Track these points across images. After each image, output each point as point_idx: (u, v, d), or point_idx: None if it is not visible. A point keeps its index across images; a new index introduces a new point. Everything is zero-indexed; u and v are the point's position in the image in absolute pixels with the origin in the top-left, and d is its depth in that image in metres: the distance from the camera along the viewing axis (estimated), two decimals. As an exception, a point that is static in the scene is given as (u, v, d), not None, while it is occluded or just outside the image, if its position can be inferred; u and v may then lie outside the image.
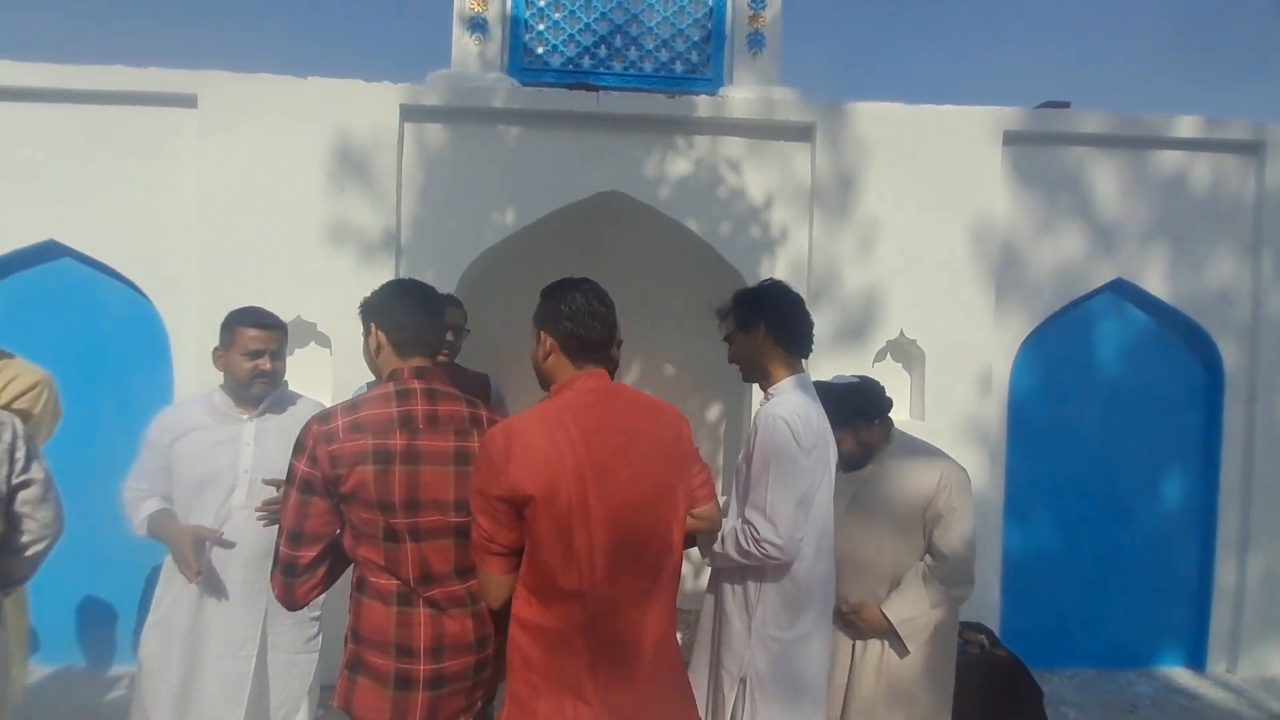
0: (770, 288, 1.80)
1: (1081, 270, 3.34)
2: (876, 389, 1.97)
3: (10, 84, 2.98)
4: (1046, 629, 3.38)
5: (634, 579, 1.35)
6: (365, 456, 1.34)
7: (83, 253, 3.07)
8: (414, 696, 1.37)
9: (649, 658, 1.37)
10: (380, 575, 1.39)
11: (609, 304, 1.43)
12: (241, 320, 1.95)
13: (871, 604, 1.90)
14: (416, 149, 3.16)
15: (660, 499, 1.39)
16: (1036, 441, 3.38)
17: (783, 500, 1.57)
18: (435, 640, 1.39)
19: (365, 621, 1.39)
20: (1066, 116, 3.32)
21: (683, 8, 3.51)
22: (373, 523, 1.36)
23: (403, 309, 1.47)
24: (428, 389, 1.44)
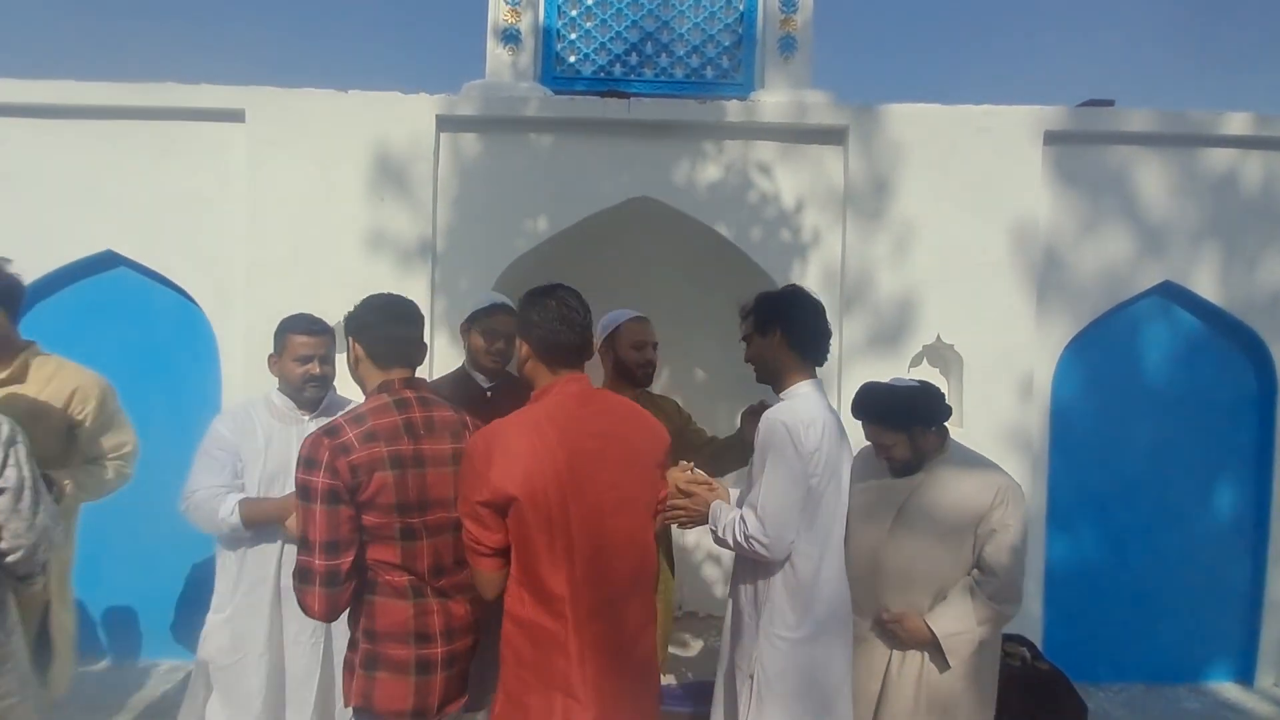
0: (791, 294, 1.84)
1: (1127, 273, 3.24)
2: (936, 395, 1.94)
3: (71, 102, 3.14)
4: (1091, 642, 3.28)
5: (615, 578, 1.42)
6: (383, 463, 1.43)
7: (138, 262, 3.21)
8: (434, 679, 1.48)
9: (632, 654, 1.45)
10: (393, 574, 1.47)
11: (583, 309, 1.48)
12: (291, 327, 2.03)
13: (914, 614, 1.86)
14: (452, 158, 3.23)
15: (635, 501, 1.46)
16: (1080, 450, 3.28)
17: (774, 501, 1.63)
18: (447, 624, 1.51)
19: (381, 619, 1.47)
20: (1110, 115, 3.23)
21: (714, 13, 3.52)
22: (389, 525, 1.44)
23: (378, 323, 1.53)
24: (421, 397, 1.54)
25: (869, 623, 1.92)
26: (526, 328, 1.47)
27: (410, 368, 1.56)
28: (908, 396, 1.89)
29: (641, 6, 3.52)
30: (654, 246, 3.80)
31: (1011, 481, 1.90)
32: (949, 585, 1.87)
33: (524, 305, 1.50)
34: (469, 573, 1.49)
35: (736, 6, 3.52)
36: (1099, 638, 3.30)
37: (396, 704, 1.45)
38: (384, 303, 1.57)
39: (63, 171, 3.17)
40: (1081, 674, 2.84)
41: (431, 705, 1.48)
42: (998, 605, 1.83)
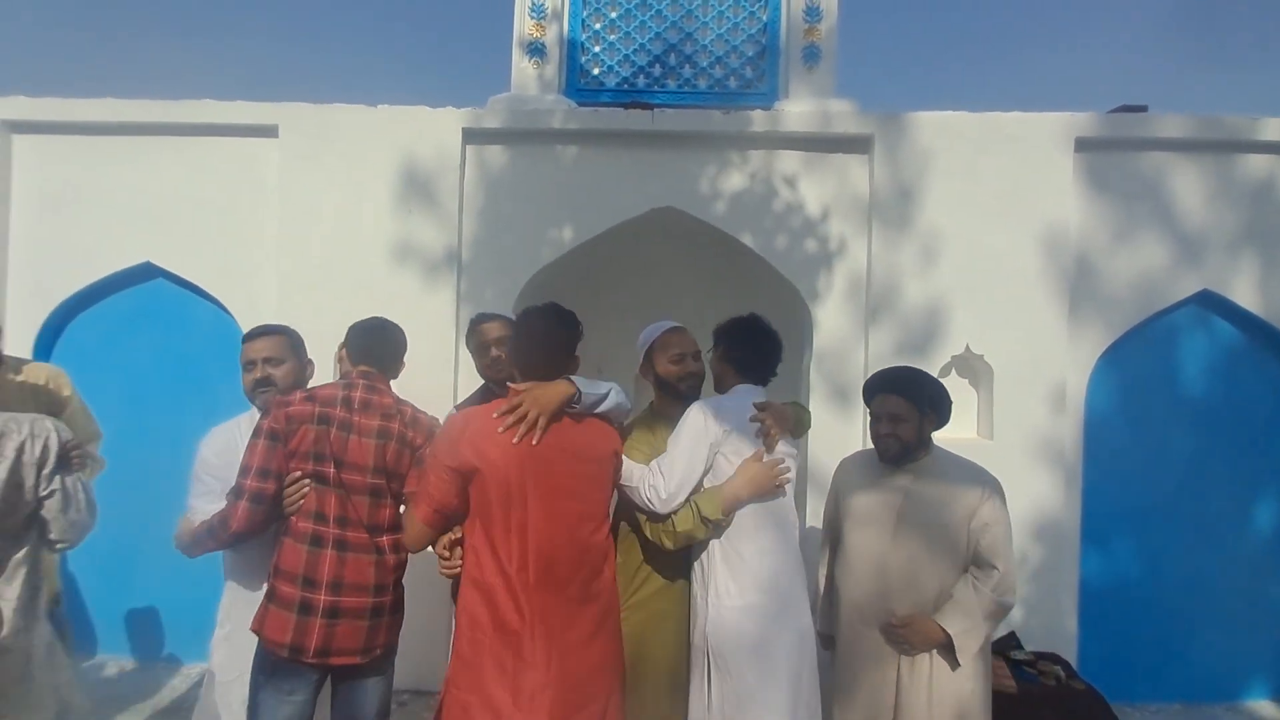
0: (742, 322, 2.05)
1: (1163, 282, 3.16)
2: (951, 401, 2.09)
3: (111, 120, 3.24)
4: (1127, 660, 3.19)
5: (563, 555, 1.62)
6: (311, 418, 1.80)
7: (174, 273, 3.30)
8: (312, 621, 1.72)
9: (588, 626, 1.65)
10: (302, 520, 1.77)
11: (559, 328, 1.74)
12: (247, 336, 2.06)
13: (923, 616, 1.90)
14: (477, 170, 3.27)
15: (594, 490, 1.72)
16: (1115, 463, 3.20)
17: (678, 463, 1.83)
18: (336, 577, 1.75)
19: (283, 558, 1.77)
20: (1143, 120, 3.17)
21: (737, 24, 3.53)
22: (307, 470, 1.78)
23: (358, 334, 1.99)
24: (369, 385, 1.91)
25: (877, 634, 1.94)
26: (512, 347, 1.85)
27: (376, 366, 1.95)
28: (931, 380, 2.06)
29: (665, 19, 3.54)
30: (678, 257, 3.80)
31: (992, 477, 2.00)
32: (949, 585, 1.92)
33: (515, 323, 1.84)
34: (377, 541, 1.80)
35: (760, 17, 3.52)
36: (1135, 656, 3.21)
37: (276, 635, 1.72)
38: (368, 323, 2.01)
39: (103, 186, 3.27)
40: (1117, 693, 2.75)
41: (307, 646, 1.71)
42: (999, 598, 1.89)
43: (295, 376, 2.06)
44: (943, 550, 1.92)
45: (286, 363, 2.05)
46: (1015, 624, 2.98)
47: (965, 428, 3.20)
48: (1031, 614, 3.03)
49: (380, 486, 1.83)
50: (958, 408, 3.14)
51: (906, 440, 1.95)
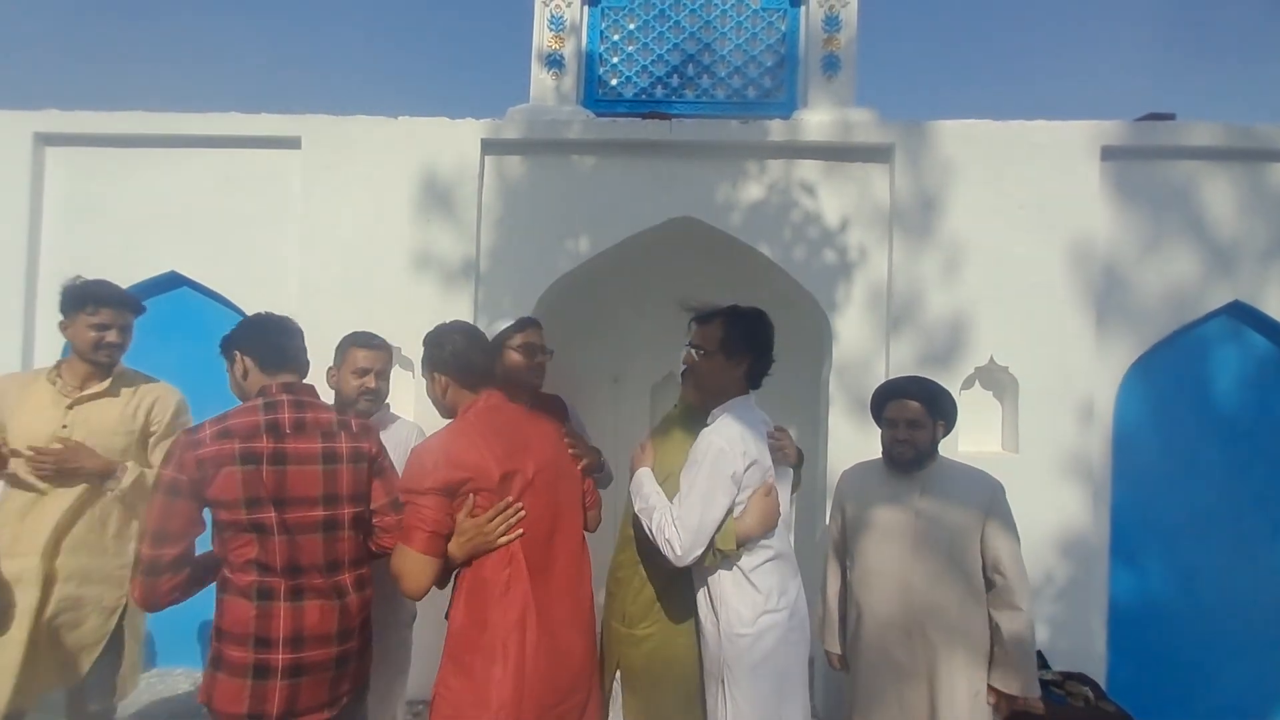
0: (761, 321, 1.86)
1: (1194, 293, 3.09)
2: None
3: (139, 132, 3.31)
4: (1158, 682, 3.10)
5: (560, 533, 1.66)
6: (232, 458, 1.49)
7: (199, 283, 3.34)
8: (271, 684, 1.48)
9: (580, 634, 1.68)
10: (241, 573, 1.50)
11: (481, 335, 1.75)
12: (353, 341, 2.11)
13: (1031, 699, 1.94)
14: (496, 180, 3.29)
15: (567, 478, 1.74)
16: (1145, 478, 3.12)
17: (696, 517, 1.68)
18: (295, 631, 1.50)
19: (226, 617, 1.51)
20: (1171, 129, 3.11)
21: (755, 34, 3.53)
22: (239, 519, 1.49)
23: (265, 334, 1.67)
24: (295, 400, 1.61)
25: (905, 650, 1.94)
26: (440, 362, 1.69)
27: (294, 374, 1.67)
28: (945, 390, 2.09)
29: (683, 29, 3.55)
30: (695, 267, 3.79)
31: (996, 481, 2.03)
32: (968, 596, 1.94)
33: (429, 346, 1.71)
34: (337, 581, 1.57)
35: (778, 27, 3.52)
36: (1166, 677, 3.12)
37: (230, 706, 1.48)
38: (267, 317, 1.74)
39: (131, 197, 3.33)
40: (1148, 715, 2.69)
41: (269, 712, 1.48)
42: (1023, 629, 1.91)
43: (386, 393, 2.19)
44: (960, 562, 1.94)
45: (386, 378, 2.19)
46: (1042, 643, 2.91)
47: (990, 441, 3.14)
48: (1059, 633, 2.96)
49: (335, 518, 1.57)
50: (983, 421, 3.14)
51: (921, 447, 1.99)
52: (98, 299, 2.09)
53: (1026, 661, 1.92)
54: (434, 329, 1.74)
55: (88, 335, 2.08)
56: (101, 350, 2.10)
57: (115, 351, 2.14)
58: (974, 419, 3.11)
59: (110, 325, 2.10)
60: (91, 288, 2.11)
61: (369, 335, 2.16)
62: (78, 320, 2.09)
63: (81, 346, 2.10)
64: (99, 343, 2.09)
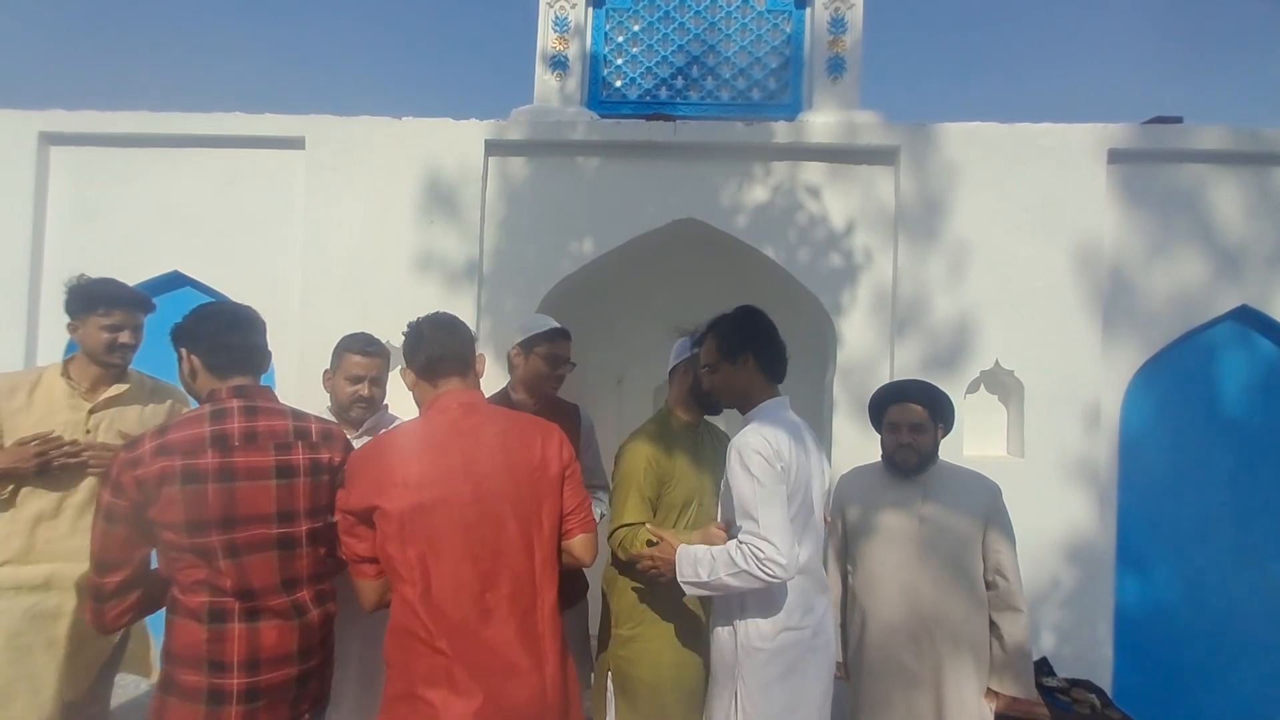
0: (754, 317, 1.83)
1: (1201, 297, 3.07)
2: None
3: (144, 132, 3.30)
4: (1165, 689, 3.07)
5: (482, 590, 1.38)
6: (174, 478, 1.38)
7: (202, 283, 3.34)
8: (227, 710, 1.38)
9: (519, 661, 1.39)
10: (192, 594, 1.41)
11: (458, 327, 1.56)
12: (348, 346, 2.06)
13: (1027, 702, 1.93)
14: (500, 181, 3.28)
15: (511, 513, 1.42)
16: (1152, 483, 3.10)
17: (778, 523, 1.61)
18: (251, 654, 1.41)
19: (177, 640, 1.42)
20: (1178, 132, 3.09)
21: (760, 36, 3.52)
22: (181, 543, 1.39)
23: (214, 332, 1.51)
24: (247, 406, 1.48)
25: (911, 656, 1.93)
26: (410, 355, 1.54)
27: (249, 375, 1.53)
28: (944, 393, 2.09)
29: (688, 31, 3.54)
30: (699, 269, 3.78)
31: (995, 484, 2.05)
32: (972, 600, 1.94)
33: (405, 336, 1.58)
34: (295, 599, 1.46)
35: (783, 29, 3.51)
36: (1173, 684, 3.09)
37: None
38: (218, 310, 1.57)
39: (135, 196, 3.33)
40: (1156, 725, 2.65)
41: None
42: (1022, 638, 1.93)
43: (380, 400, 2.14)
44: (964, 566, 1.95)
45: (381, 385, 2.13)
46: (1048, 650, 2.89)
47: (995, 445, 3.13)
48: (1065, 640, 2.94)
49: (291, 535, 1.47)
50: (988, 425, 3.12)
51: (924, 450, 1.99)
52: (110, 300, 2.00)
53: (1025, 664, 1.92)
54: (417, 321, 1.61)
55: (100, 337, 2.00)
56: (115, 352, 2.02)
57: (129, 353, 2.06)
58: (979, 423, 3.09)
59: (123, 326, 2.03)
60: (102, 287, 2.02)
61: (365, 340, 2.10)
62: (89, 322, 2.00)
63: (94, 348, 2.01)
64: (113, 344, 2.01)
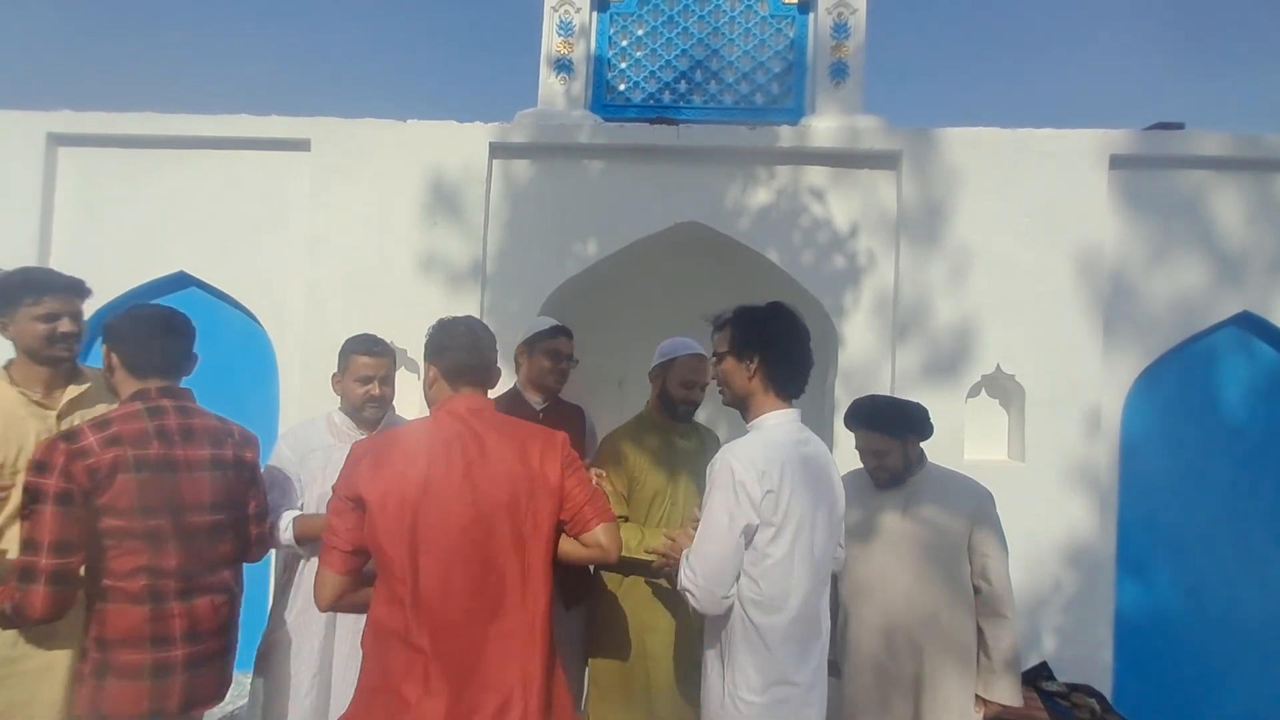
0: (775, 315, 1.63)
1: (1202, 303, 3.08)
2: (925, 410, 2.05)
3: (151, 133, 3.33)
4: (1165, 695, 3.07)
5: (470, 590, 1.36)
6: (127, 466, 1.46)
7: (207, 283, 3.36)
8: (173, 682, 1.50)
9: (499, 667, 1.36)
10: (130, 580, 1.48)
11: (484, 337, 1.54)
12: (355, 348, 2.07)
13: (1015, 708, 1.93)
14: (504, 184, 3.30)
15: (507, 520, 1.39)
16: (1153, 489, 3.10)
17: (707, 551, 1.47)
18: (191, 627, 1.54)
19: (113, 626, 1.48)
20: (1180, 138, 3.11)
21: (764, 41, 3.54)
22: (132, 527, 1.47)
23: (140, 334, 1.56)
24: (179, 405, 1.59)
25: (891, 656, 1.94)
26: (435, 353, 1.53)
27: (168, 378, 1.60)
28: (905, 407, 2.03)
29: (691, 35, 3.56)
30: (702, 271, 3.79)
31: (984, 489, 2.01)
32: (955, 601, 1.92)
33: (435, 332, 1.55)
34: (222, 578, 1.61)
35: (787, 34, 3.53)
36: (1173, 689, 3.09)
37: (127, 709, 1.46)
38: (148, 313, 1.61)
39: (141, 197, 3.35)
40: (1156, 730, 2.65)
41: (170, 708, 1.50)
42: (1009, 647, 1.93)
43: (391, 398, 2.14)
44: (947, 570, 1.93)
45: (390, 383, 2.13)
46: (1048, 654, 2.89)
47: (996, 450, 3.13)
48: (1065, 644, 2.94)
49: (222, 522, 1.62)
50: (989, 429, 3.13)
51: (894, 469, 1.99)
52: (38, 286, 1.76)
53: (1011, 670, 1.92)
54: (444, 318, 1.60)
55: (36, 329, 1.75)
56: (58, 344, 1.77)
57: (73, 343, 1.81)
58: (980, 427, 3.10)
59: (60, 314, 1.77)
60: (25, 275, 1.80)
61: (371, 341, 2.09)
62: (19, 315, 1.76)
63: (32, 343, 1.76)
64: (52, 335, 1.76)
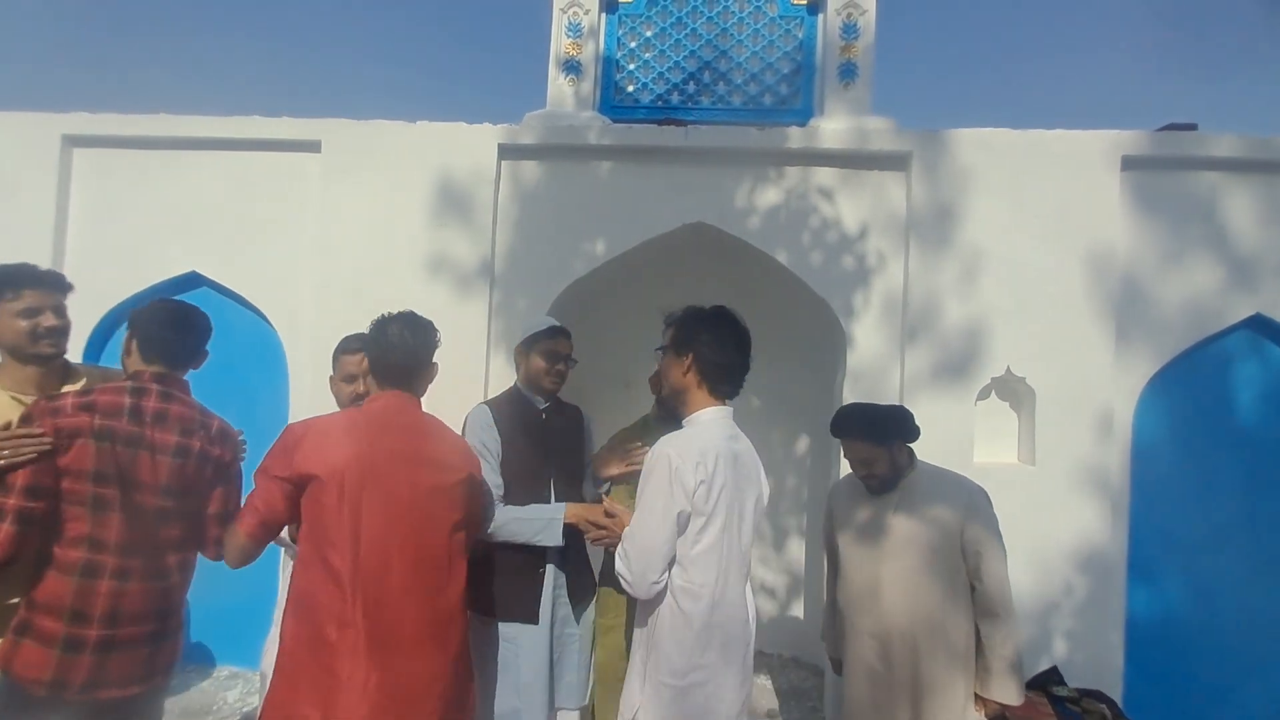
0: (715, 318, 1.72)
1: (1214, 305, 3.05)
2: (909, 414, 2.05)
3: (163, 135, 3.36)
4: (1176, 700, 3.05)
5: (406, 568, 1.55)
6: (88, 432, 1.53)
7: (219, 283, 3.39)
8: (81, 659, 1.51)
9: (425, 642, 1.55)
10: (71, 548, 1.53)
11: (418, 348, 1.69)
12: (341, 348, 2.10)
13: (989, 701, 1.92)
14: (512, 185, 3.31)
15: (436, 503, 1.61)
16: (1164, 493, 3.07)
17: (641, 537, 1.55)
18: (113, 610, 1.54)
19: (42, 590, 1.53)
20: (1193, 139, 3.08)
21: (772, 42, 3.54)
22: (82, 491, 1.53)
23: (155, 323, 1.69)
24: (164, 391, 1.67)
25: (881, 655, 1.95)
26: (370, 347, 1.71)
27: (173, 366, 1.70)
28: (888, 413, 2.04)
29: (700, 37, 3.56)
30: (710, 272, 3.79)
31: (977, 486, 2.00)
32: (948, 601, 1.91)
33: (374, 330, 1.71)
34: (163, 563, 1.62)
35: (795, 35, 3.52)
36: (1184, 695, 3.06)
37: (32, 672, 1.50)
38: (168, 306, 1.73)
39: (154, 198, 3.38)
40: (1167, 736, 2.63)
41: (73, 682, 1.50)
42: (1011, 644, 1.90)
43: None
44: (937, 565, 1.92)
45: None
46: (1058, 659, 2.87)
47: (1006, 453, 3.12)
48: (1076, 649, 2.92)
49: (170, 508, 1.63)
50: (999, 432, 3.11)
51: (882, 474, 1.99)
52: (15, 280, 1.73)
53: (1011, 669, 1.89)
54: (385, 317, 1.72)
55: (18, 325, 1.71)
56: (42, 339, 1.73)
57: (59, 338, 1.77)
58: (990, 430, 3.08)
59: (41, 308, 1.73)
60: (1, 270, 1.76)
61: (357, 340, 2.09)
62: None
63: (16, 341, 1.72)
64: (35, 331, 1.71)
